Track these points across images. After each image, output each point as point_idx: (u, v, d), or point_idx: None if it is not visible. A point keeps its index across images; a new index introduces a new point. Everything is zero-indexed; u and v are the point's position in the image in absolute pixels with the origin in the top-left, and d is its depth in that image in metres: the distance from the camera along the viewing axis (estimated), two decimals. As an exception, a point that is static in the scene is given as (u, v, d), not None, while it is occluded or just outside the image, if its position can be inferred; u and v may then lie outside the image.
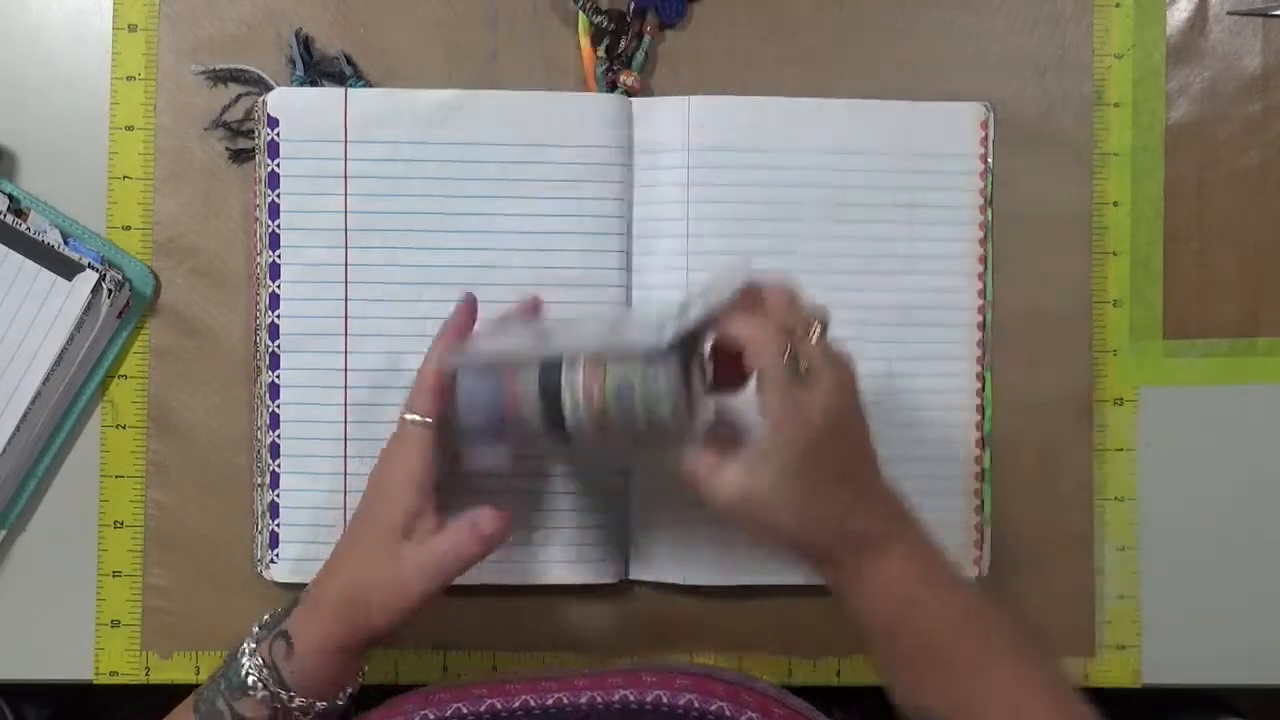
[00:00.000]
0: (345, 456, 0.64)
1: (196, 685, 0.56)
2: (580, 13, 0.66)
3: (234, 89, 0.66)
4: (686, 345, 0.53)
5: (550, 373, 0.54)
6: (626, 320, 0.56)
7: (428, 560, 0.55)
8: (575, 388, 0.54)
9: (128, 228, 0.66)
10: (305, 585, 0.64)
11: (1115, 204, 0.68)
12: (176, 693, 0.57)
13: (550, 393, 0.54)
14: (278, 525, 0.64)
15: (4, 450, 0.63)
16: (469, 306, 0.60)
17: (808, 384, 0.51)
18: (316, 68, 0.65)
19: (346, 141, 0.64)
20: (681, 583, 0.65)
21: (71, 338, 0.63)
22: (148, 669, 0.66)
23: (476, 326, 0.59)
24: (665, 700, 0.54)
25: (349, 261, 0.64)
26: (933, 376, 0.66)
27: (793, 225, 0.66)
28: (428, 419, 0.56)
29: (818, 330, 0.52)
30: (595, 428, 0.54)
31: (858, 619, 0.54)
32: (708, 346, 0.55)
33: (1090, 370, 0.68)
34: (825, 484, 0.52)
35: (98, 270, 0.63)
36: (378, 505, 0.57)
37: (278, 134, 0.64)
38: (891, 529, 0.53)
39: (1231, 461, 0.68)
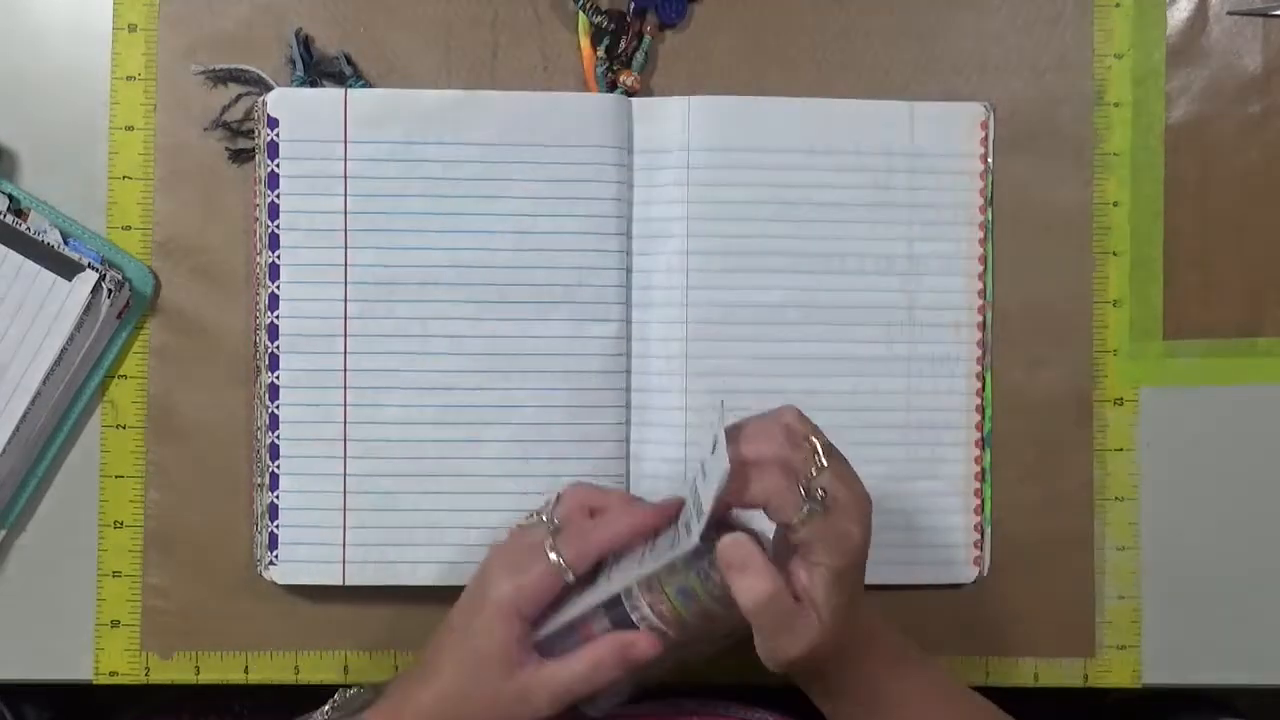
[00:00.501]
0: (345, 457, 0.64)
1: (196, 685, 0.56)
2: (580, 13, 0.66)
3: (234, 89, 0.66)
4: (716, 528, 0.53)
5: (617, 611, 0.54)
6: (660, 535, 0.55)
7: (558, 681, 0.53)
8: (647, 615, 0.53)
9: (128, 228, 0.66)
10: (308, 583, 0.64)
11: (1115, 204, 0.68)
12: (177, 693, 0.57)
13: (627, 629, 0.54)
14: (277, 526, 0.64)
15: (4, 450, 0.63)
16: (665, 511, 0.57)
17: (832, 511, 0.51)
18: (316, 68, 0.65)
19: (346, 141, 0.64)
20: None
21: (71, 338, 0.63)
22: (147, 669, 0.66)
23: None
24: None
25: (349, 262, 0.64)
26: (933, 377, 0.66)
27: (792, 225, 0.66)
28: (571, 571, 0.54)
29: (819, 454, 0.52)
30: (680, 638, 0.54)
31: (838, 704, 0.55)
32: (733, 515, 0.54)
33: (1090, 370, 0.68)
34: (858, 596, 0.53)
35: (98, 270, 0.63)
36: (494, 620, 0.53)
37: (277, 134, 0.64)
38: (874, 615, 0.55)
39: (1231, 461, 0.68)
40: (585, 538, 0.54)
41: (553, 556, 0.53)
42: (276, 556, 0.64)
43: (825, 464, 0.51)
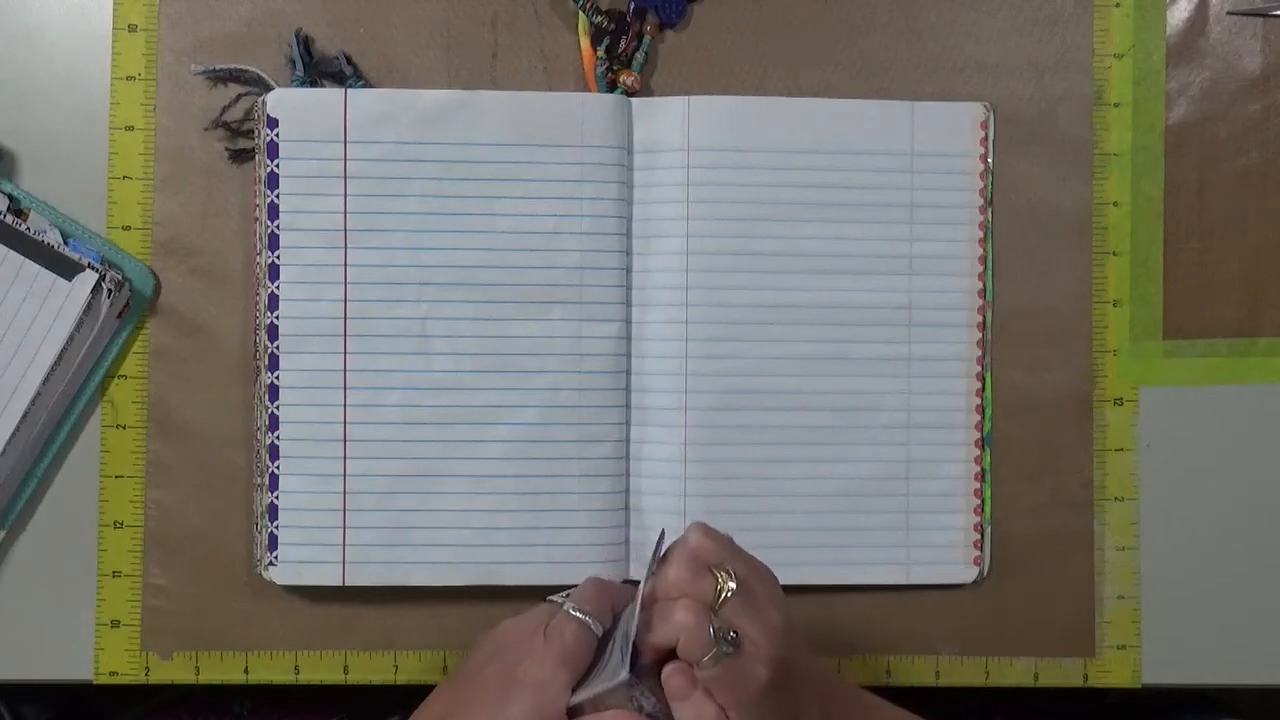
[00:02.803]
0: (344, 458, 0.64)
1: (196, 686, 0.56)
2: (580, 13, 0.66)
3: (234, 89, 0.66)
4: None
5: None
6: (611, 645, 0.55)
7: None
8: None
9: (128, 228, 0.66)
10: (307, 583, 0.64)
11: (1115, 204, 0.68)
12: (177, 693, 0.57)
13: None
14: (277, 527, 0.64)
15: (4, 450, 0.63)
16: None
17: (741, 650, 0.51)
18: (316, 68, 0.65)
19: (346, 142, 0.64)
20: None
21: (71, 338, 0.63)
22: (147, 669, 0.65)
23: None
24: None
25: (348, 262, 0.64)
26: (933, 377, 0.66)
27: (792, 225, 0.66)
28: (599, 626, 0.53)
29: (727, 589, 0.51)
30: None
31: None
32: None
33: (1090, 370, 0.68)
34: (780, 714, 0.52)
35: (98, 270, 0.63)
36: (519, 691, 0.52)
37: (277, 134, 0.64)
38: (834, 706, 0.55)
39: (1231, 461, 0.68)
40: (603, 586, 0.55)
41: (576, 613, 0.53)
42: (276, 557, 0.64)
43: (733, 588, 0.51)
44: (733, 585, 0.51)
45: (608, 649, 0.54)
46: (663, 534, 0.54)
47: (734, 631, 0.51)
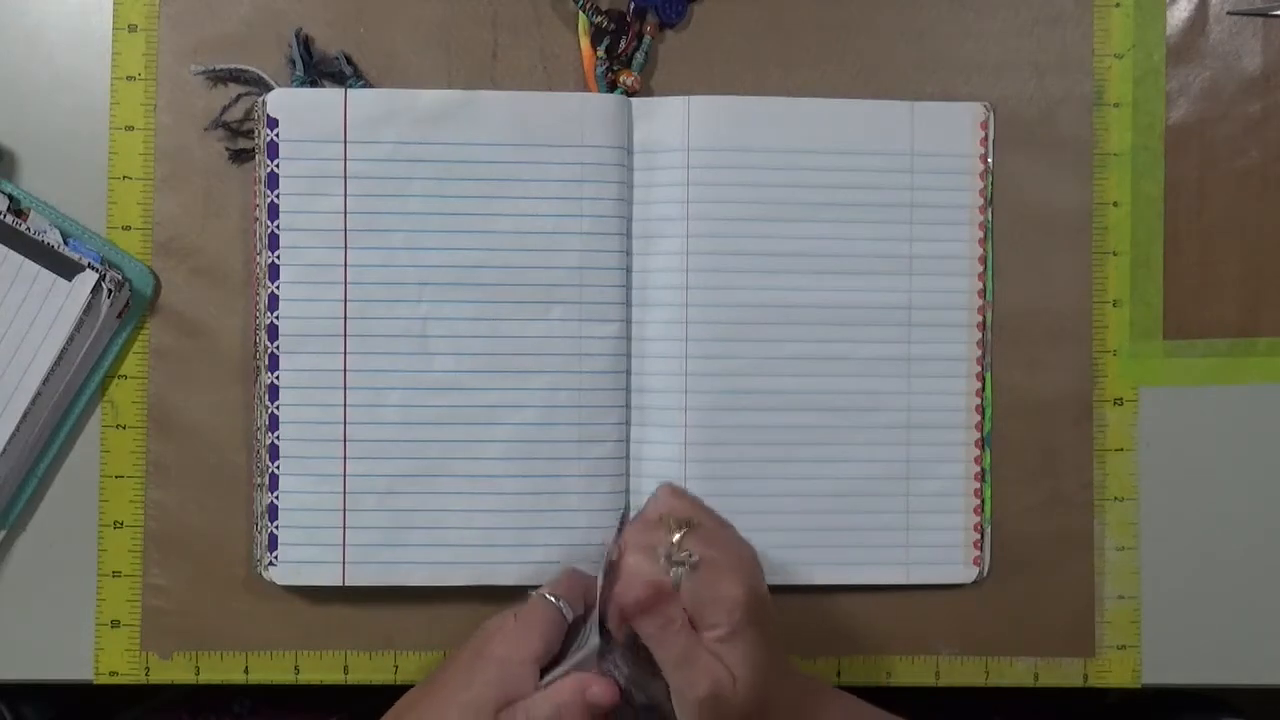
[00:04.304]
0: (345, 458, 0.64)
1: (196, 685, 0.56)
2: (580, 13, 0.66)
3: (234, 89, 0.66)
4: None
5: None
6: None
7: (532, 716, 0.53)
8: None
9: (128, 228, 0.66)
10: (307, 583, 0.64)
11: (1115, 204, 0.68)
12: (177, 693, 0.57)
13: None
14: (277, 527, 0.64)
15: (4, 450, 0.63)
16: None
17: (702, 569, 0.51)
18: (316, 68, 0.65)
19: (346, 142, 0.64)
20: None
21: (71, 338, 0.63)
22: (148, 669, 0.66)
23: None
24: None
25: (348, 262, 0.64)
26: (933, 377, 0.66)
27: (792, 225, 0.66)
28: (570, 611, 0.56)
29: (674, 525, 0.53)
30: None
31: None
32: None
33: (1090, 370, 0.68)
34: (772, 646, 0.53)
35: (98, 270, 0.63)
36: (485, 664, 0.54)
37: (277, 134, 0.64)
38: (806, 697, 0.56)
39: (1231, 461, 0.68)
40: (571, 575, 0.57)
41: (548, 595, 0.56)
42: (276, 557, 0.64)
43: (691, 527, 0.52)
44: (685, 529, 0.52)
45: (581, 632, 0.54)
46: (625, 513, 0.55)
47: (688, 553, 0.51)
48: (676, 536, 0.52)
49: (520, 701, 0.53)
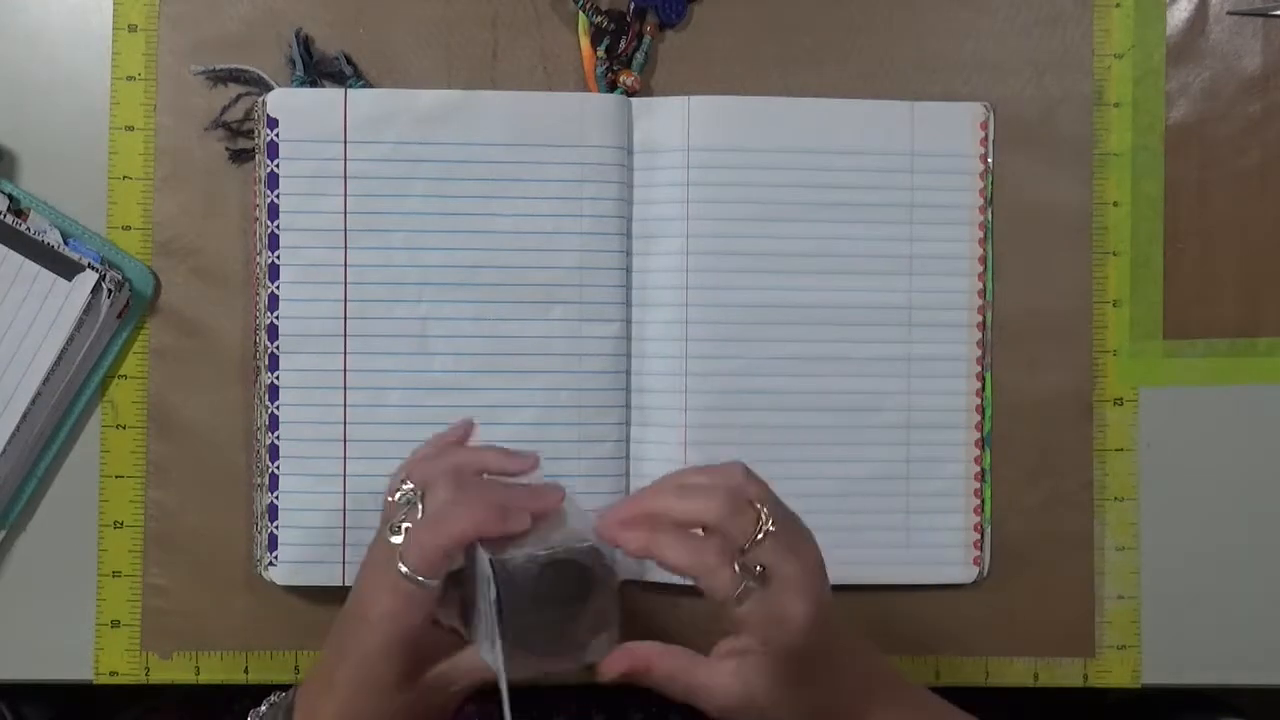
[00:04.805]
0: (345, 458, 0.64)
1: (195, 685, 0.56)
2: (580, 13, 0.66)
3: (234, 89, 0.66)
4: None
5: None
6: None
7: (439, 689, 0.52)
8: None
9: (128, 228, 0.66)
10: (307, 583, 0.64)
11: (1115, 204, 0.68)
12: (177, 693, 0.57)
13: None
14: (276, 527, 0.64)
15: (4, 450, 0.63)
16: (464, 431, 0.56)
17: (770, 586, 0.48)
18: (316, 68, 0.65)
19: (346, 142, 0.64)
20: (680, 582, 0.65)
21: (71, 338, 0.63)
22: (147, 669, 0.66)
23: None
24: None
25: (348, 262, 0.64)
26: (933, 377, 0.66)
27: (792, 225, 0.66)
28: (429, 580, 0.49)
29: (764, 527, 0.49)
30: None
31: None
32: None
33: (1090, 370, 0.68)
34: (818, 674, 0.50)
35: (98, 270, 0.63)
36: (379, 654, 0.50)
37: (277, 134, 0.64)
38: (876, 688, 0.52)
39: (1231, 461, 0.68)
40: (436, 531, 0.50)
41: (404, 569, 0.49)
42: (276, 557, 0.64)
43: (772, 530, 0.49)
44: (771, 528, 0.49)
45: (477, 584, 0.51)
46: (564, 492, 0.52)
47: (760, 565, 0.48)
48: (748, 544, 0.48)
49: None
